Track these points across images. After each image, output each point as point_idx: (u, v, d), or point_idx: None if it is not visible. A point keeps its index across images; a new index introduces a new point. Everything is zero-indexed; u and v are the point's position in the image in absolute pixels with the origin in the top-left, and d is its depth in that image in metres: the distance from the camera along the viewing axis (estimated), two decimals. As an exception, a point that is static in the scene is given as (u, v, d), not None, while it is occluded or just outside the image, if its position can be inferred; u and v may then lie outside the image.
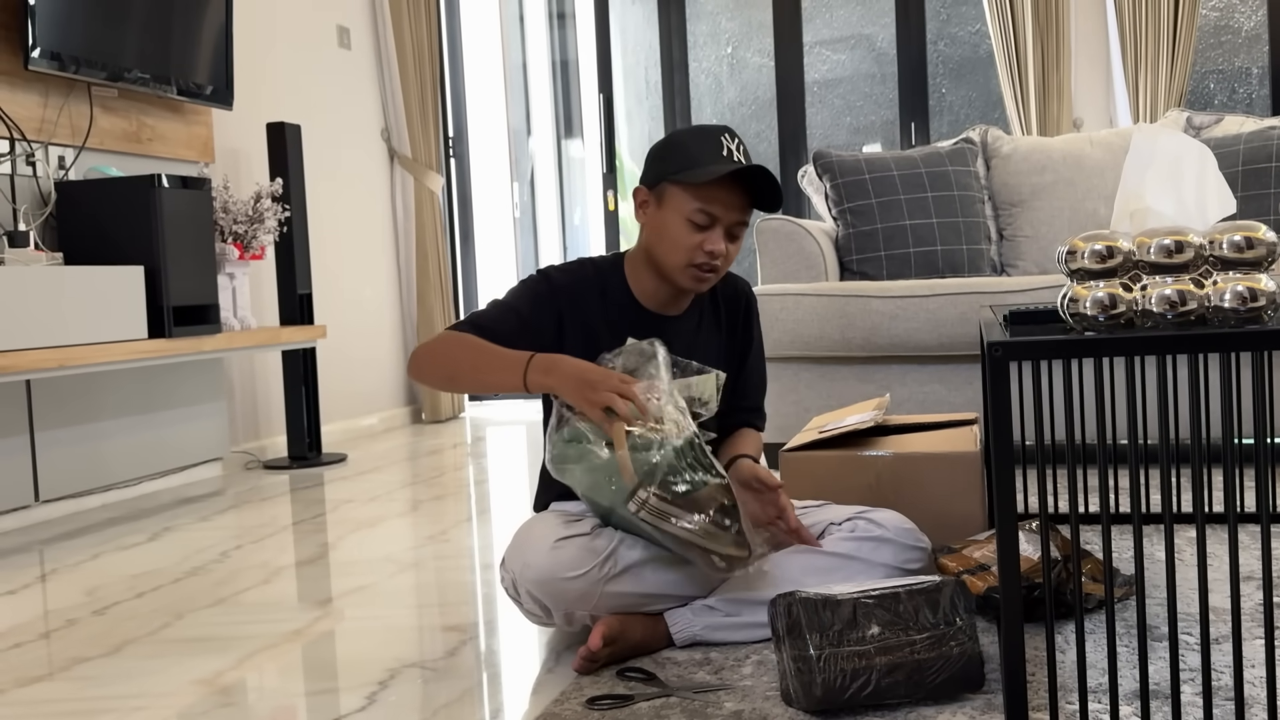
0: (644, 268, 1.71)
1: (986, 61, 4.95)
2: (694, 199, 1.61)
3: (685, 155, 1.62)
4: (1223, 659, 1.46)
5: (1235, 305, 1.15)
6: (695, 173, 1.60)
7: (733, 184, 1.61)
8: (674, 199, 1.63)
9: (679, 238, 1.63)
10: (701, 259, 1.63)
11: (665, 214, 1.64)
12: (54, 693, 1.62)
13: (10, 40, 3.00)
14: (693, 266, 1.63)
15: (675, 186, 1.62)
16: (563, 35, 6.30)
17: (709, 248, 1.62)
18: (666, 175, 1.63)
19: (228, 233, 3.51)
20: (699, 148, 1.62)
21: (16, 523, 2.91)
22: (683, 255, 1.63)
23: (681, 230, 1.62)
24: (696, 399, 1.70)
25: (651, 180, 1.67)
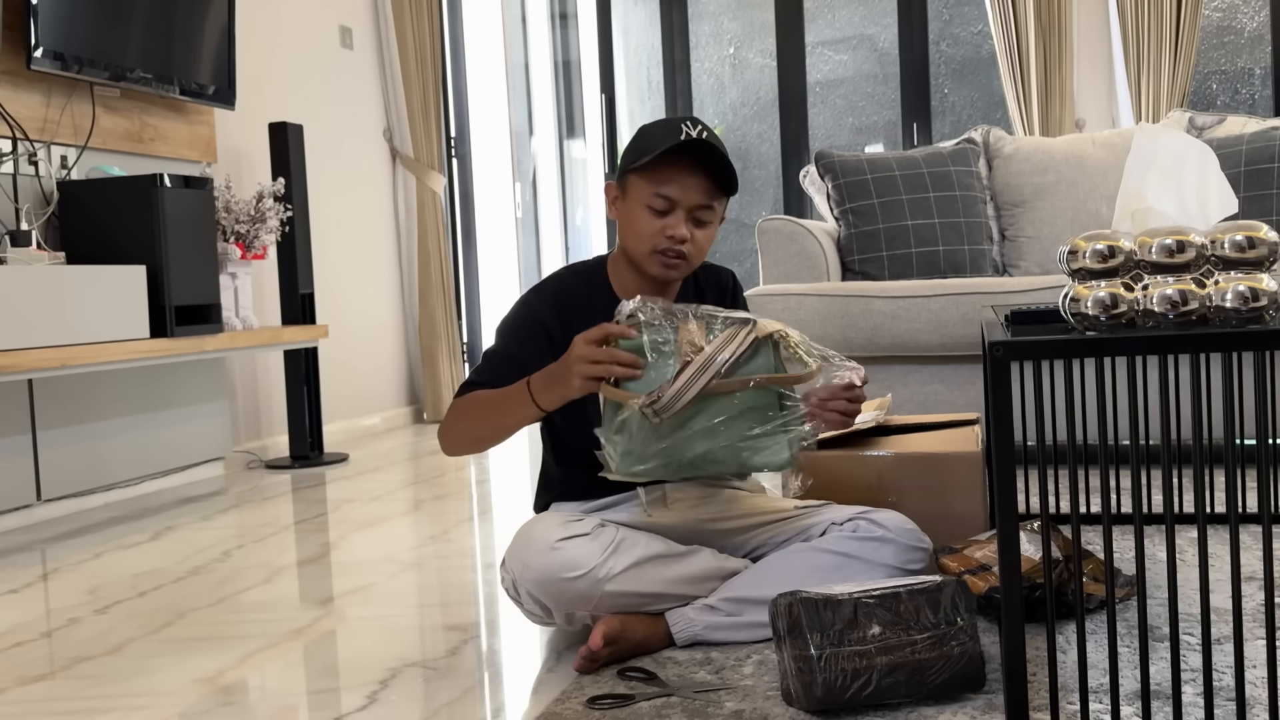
0: (624, 265, 1.71)
1: (988, 62, 4.94)
2: (650, 184, 1.62)
3: (643, 144, 1.63)
4: (1224, 659, 1.46)
5: (1237, 305, 1.15)
6: (647, 157, 1.61)
7: (689, 166, 1.60)
8: (634, 188, 1.64)
9: (641, 225, 1.64)
10: (665, 244, 1.62)
11: (629, 204, 1.66)
12: (55, 691, 1.62)
13: (13, 40, 3.00)
14: (658, 253, 1.63)
15: (634, 175, 1.64)
16: (565, 35, 6.31)
17: (670, 232, 1.62)
18: (628, 167, 1.65)
19: (230, 232, 3.51)
20: (656, 136, 1.63)
21: (18, 522, 2.91)
22: (647, 242, 1.63)
23: (643, 217, 1.63)
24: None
25: (619, 175, 1.69)
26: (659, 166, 1.60)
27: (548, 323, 1.68)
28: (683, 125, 1.61)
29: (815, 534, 1.70)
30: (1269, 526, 1.14)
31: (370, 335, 4.76)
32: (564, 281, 1.73)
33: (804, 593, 1.39)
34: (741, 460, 1.49)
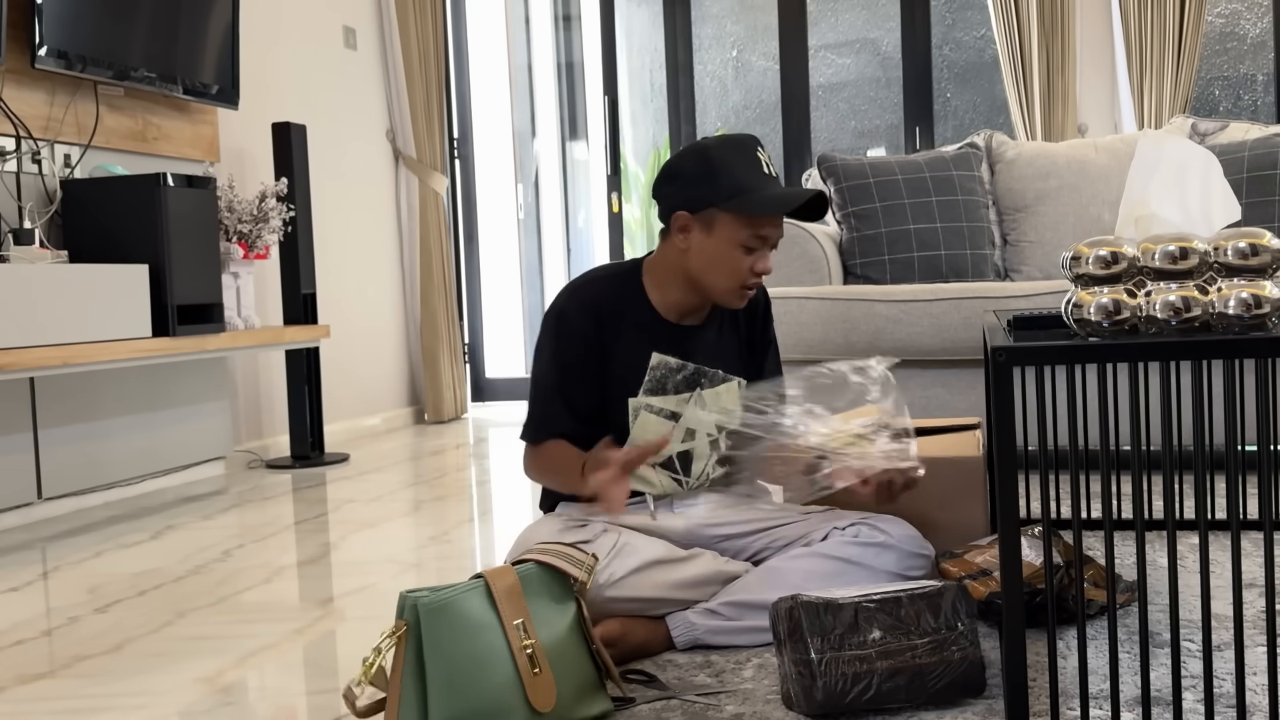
0: (670, 283, 1.71)
1: (991, 66, 4.95)
2: (747, 226, 1.62)
3: (732, 180, 1.61)
4: (1224, 666, 1.46)
5: (1239, 312, 1.15)
6: (749, 201, 1.60)
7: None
8: (725, 226, 1.63)
9: (731, 263, 1.64)
10: (751, 280, 1.66)
11: (715, 241, 1.64)
12: (55, 690, 1.62)
13: (17, 39, 3.01)
14: (743, 287, 1.66)
15: (728, 214, 1.62)
16: (568, 37, 6.31)
17: (759, 268, 1.64)
18: (715, 201, 1.62)
19: (232, 232, 3.52)
20: (743, 171, 1.61)
21: (19, 520, 2.91)
22: (734, 279, 1.65)
23: (734, 256, 1.63)
24: (724, 409, 1.75)
25: (696, 205, 1.64)
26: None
27: (587, 335, 1.69)
28: (758, 154, 1.63)
29: (817, 539, 1.70)
30: (1270, 533, 1.14)
31: (372, 336, 4.76)
32: (600, 287, 1.72)
33: (804, 597, 1.39)
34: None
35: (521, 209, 5.84)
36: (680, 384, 1.72)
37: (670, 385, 1.72)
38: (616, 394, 1.71)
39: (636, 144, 6.35)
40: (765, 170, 1.63)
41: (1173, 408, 2.11)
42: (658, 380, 1.71)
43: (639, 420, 1.71)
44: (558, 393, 1.70)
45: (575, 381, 1.69)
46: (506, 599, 1.30)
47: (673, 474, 1.76)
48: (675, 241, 1.68)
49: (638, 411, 1.71)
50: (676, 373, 1.71)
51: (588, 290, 1.72)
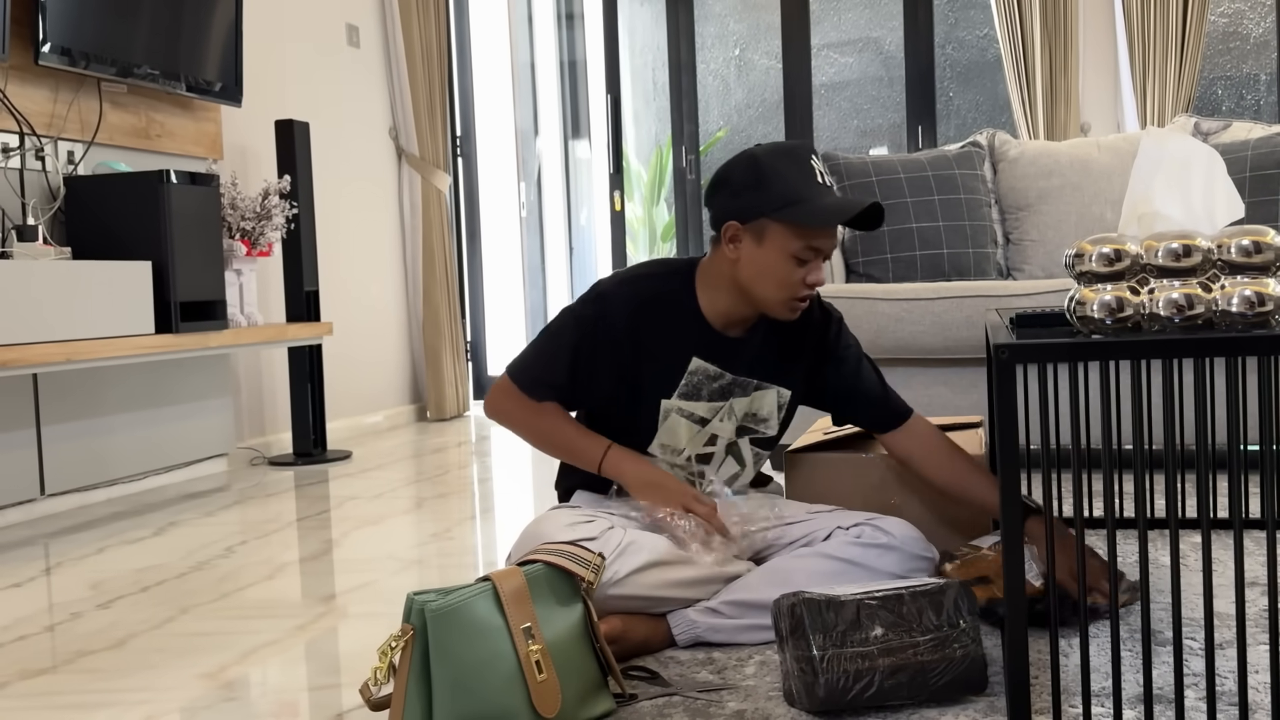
0: (719, 291, 1.68)
1: (994, 65, 4.94)
2: (801, 236, 1.58)
3: (784, 189, 1.58)
4: (1226, 664, 1.46)
5: (1243, 310, 1.15)
6: (802, 211, 1.56)
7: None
8: (777, 237, 1.59)
9: (783, 274, 1.61)
10: (804, 292, 1.62)
11: (766, 251, 1.60)
12: (58, 685, 1.63)
13: (21, 35, 3.01)
14: (795, 299, 1.63)
15: (779, 224, 1.58)
16: (571, 36, 6.31)
17: (811, 280, 1.61)
18: (766, 211, 1.58)
19: (235, 229, 3.52)
20: (796, 180, 1.58)
21: (22, 516, 2.92)
22: (786, 290, 1.62)
23: (785, 267, 1.60)
24: (754, 415, 1.75)
25: (747, 214, 1.61)
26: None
27: (614, 328, 1.66)
28: (812, 163, 1.60)
29: (819, 538, 1.71)
30: (1273, 531, 1.14)
31: (374, 333, 4.76)
32: (653, 284, 1.69)
33: (807, 593, 1.39)
34: None
35: (524, 207, 5.84)
36: (715, 392, 1.72)
37: (705, 392, 1.71)
38: (650, 393, 1.70)
39: (639, 142, 6.35)
40: (819, 179, 1.59)
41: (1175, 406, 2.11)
42: (693, 386, 1.70)
43: (668, 422, 1.71)
44: (569, 369, 1.69)
45: (591, 373, 1.69)
46: (513, 602, 1.30)
47: (689, 475, 1.77)
48: (725, 251, 1.64)
49: (669, 413, 1.71)
50: (713, 381, 1.71)
51: (638, 285, 1.69)
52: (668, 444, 1.73)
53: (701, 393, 1.71)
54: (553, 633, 1.32)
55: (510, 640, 1.27)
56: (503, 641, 1.27)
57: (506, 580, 1.32)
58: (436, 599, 1.25)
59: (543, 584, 1.35)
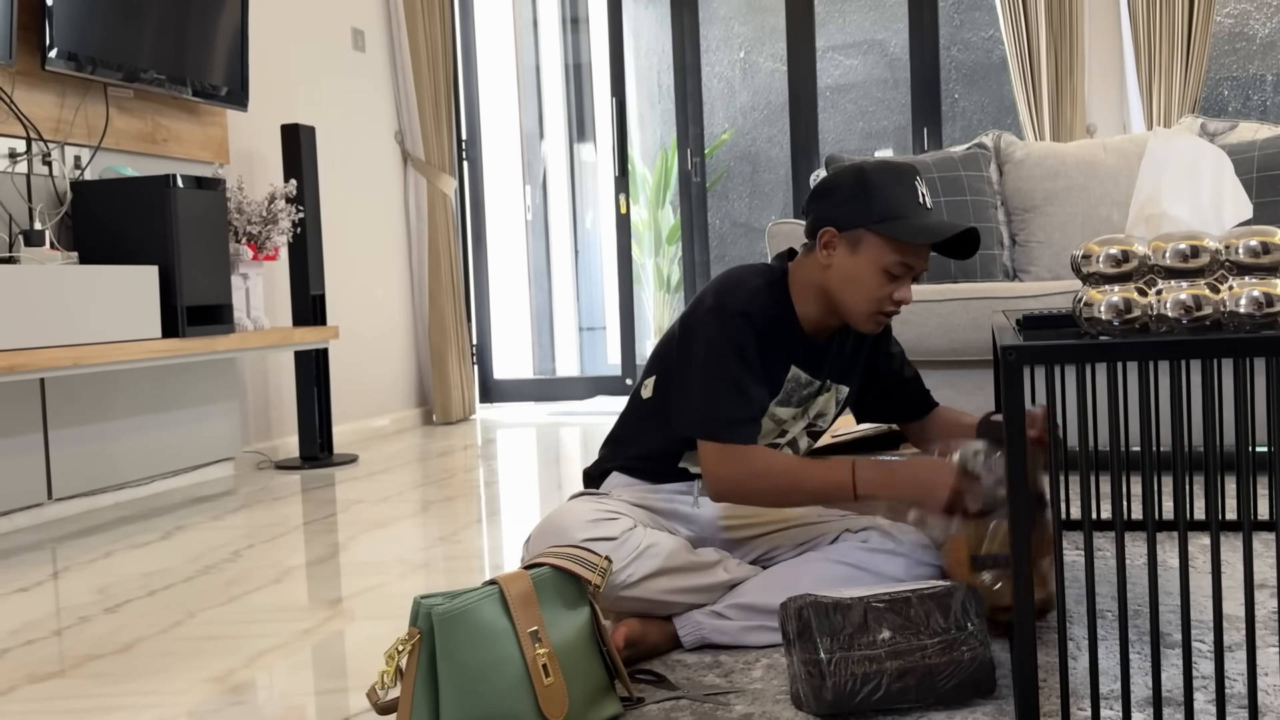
0: (809, 297, 1.67)
1: (999, 67, 4.94)
2: (895, 251, 1.59)
3: (885, 203, 1.59)
4: (1236, 666, 1.45)
5: (1251, 310, 1.15)
6: (903, 227, 1.57)
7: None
8: (871, 248, 1.60)
9: (871, 287, 1.61)
10: (890, 307, 1.62)
11: (858, 261, 1.61)
12: (66, 689, 1.63)
13: (28, 40, 3.02)
14: (880, 313, 1.63)
15: (875, 236, 1.59)
16: (576, 39, 6.32)
17: (898, 296, 1.62)
18: (865, 222, 1.59)
19: (241, 233, 3.53)
20: (898, 197, 1.59)
21: (30, 520, 2.92)
22: (873, 304, 1.62)
23: (875, 279, 1.60)
24: (821, 413, 1.78)
25: (845, 223, 1.61)
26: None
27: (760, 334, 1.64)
28: (916, 183, 1.60)
29: (826, 542, 1.70)
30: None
31: (380, 337, 4.77)
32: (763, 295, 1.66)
33: (814, 596, 1.38)
34: None
35: (529, 210, 5.85)
36: (804, 397, 1.73)
37: (795, 398, 1.72)
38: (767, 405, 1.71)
39: (644, 145, 6.36)
40: (920, 200, 1.60)
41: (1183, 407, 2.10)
42: (788, 392, 1.71)
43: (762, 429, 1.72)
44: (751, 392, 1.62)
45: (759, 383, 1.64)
46: (520, 605, 1.30)
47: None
48: (819, 257, 1.64)
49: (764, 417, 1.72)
50: (804, 387, 1.72)
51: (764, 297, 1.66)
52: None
53: (793, 399, 1.72)
54: (560, 636, 1.32)
55: (517, 644, 1.27)
56: (509, 645, 1.27)
57: (513, 584, 1.32)
58: (443, 602, 1.25)
59: (549, 587, 1.35)
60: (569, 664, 1.31)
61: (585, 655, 1.35)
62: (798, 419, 1.75)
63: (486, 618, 1.27)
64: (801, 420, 1.76)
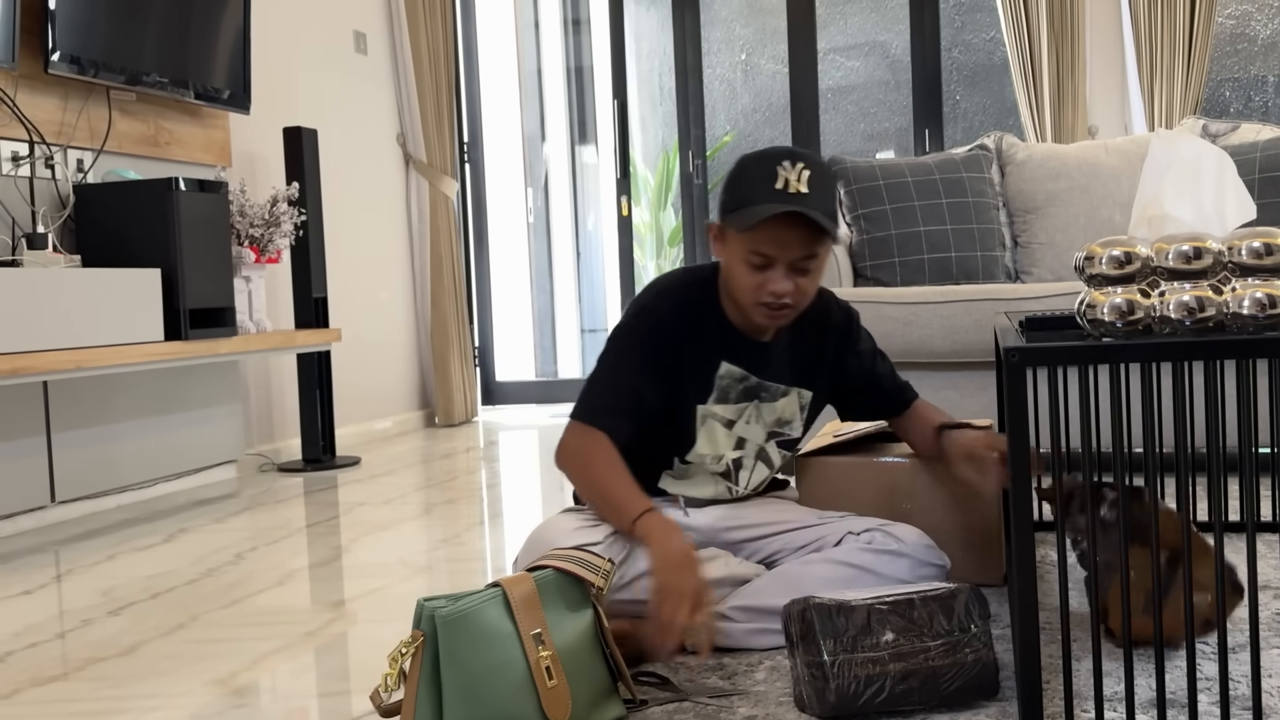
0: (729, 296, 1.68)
1: (1001, 69, 4.94)
2: (746, 242, 1.56)
3: (739, 192, 1.57)
4: (1240, 668, 1.45)
5: (1254, 312, 1.15)
6: (739, 216, 1.56)
7: (787, 221, 1.53)
8: (732, 240, 1.59)
9: (741, 279, 1.60)
10: (768, 298, 1.58)
11: (728, 253, 1.62)
12: (69, 692, 1.63)
13: (31, 44, 3.02)
14: (761, 305, 1.60)
15: (730, 227, 1.59)
16: (577, 41, 6.32)
17: (771, 288, 1.57)
18: (724, 213, 1.60)
19: (244, 236, 3.53)
20: (752, 182, 1.55)
21: (33, 523, 2.93)
22: (749, 295, 1.60)
23: (742, 271, 1.59)
24: (779, 419, 1.75)
25: (719, 216, 1.63)
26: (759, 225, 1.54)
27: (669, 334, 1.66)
28: (779, 168, 1.54)
29: (830, 543, 1.70)
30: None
31: (382, 339, 4.77)
32: (689, 292, 1.69)
33: (817, 599, 1.38)
34: None
35: (531, 213, 5.85)
36: (740, 394, 1.72)
37: (732, 395, 1.71)
38: (689, 400, 1.70)
39: (646, 148, 6.36)
40: (779, 183, 1.53)
41: (1186, 409, 2.11)
42: (723, 389, 1.71)
43: (705, 428, 1.72)
44: (627, 386, 1.65)
45: (648, 380, 1.66)
46: (523, 608, 1.30)
47: (729, 483, 1.77)
48: (713, 253, 1.66)
49: (705, 419, 1.71)
50: (739, 383, 1.71)
51: (677, 294, 1.69)
52: (706, 451, 1.73)
53: (730, 395, 1.71)
54: (563, 638, 1.32)
55: (520, 646, 1.27)
56: (513, 647, 1.27)
57: (517, 586, 1.32)
58: (447, 605, 1.25)
59: (553, 590, 1.35)
60: (572, 666, 1.31)
61: (588, 657, 1.35)
62: (749, 420, 1.73)
63: (490, 620, 1.27)
64: (755, 423, 1.74)
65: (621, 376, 1.66)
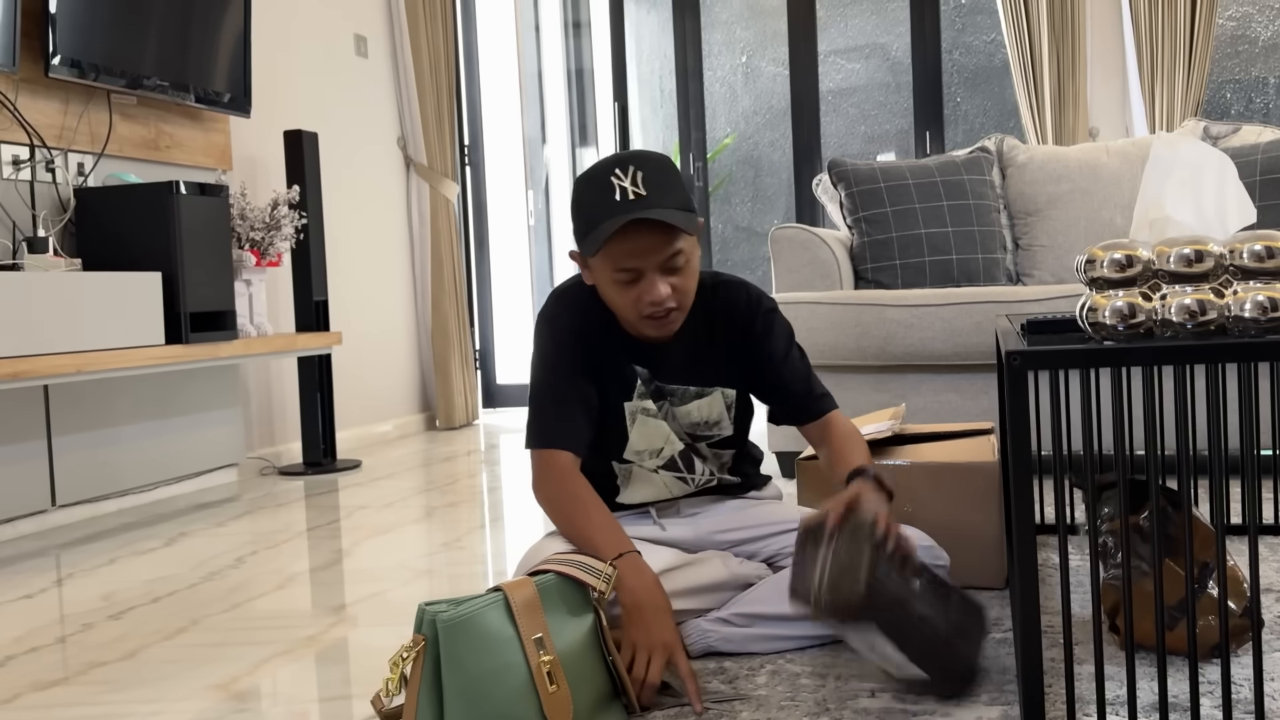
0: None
1: (1002, 71, 4.94)
2: (607, 262, 1.53)
3: (583, 217, 1.54)
4: (1242, 672, 1.45)
5: (1256, 315, 1.15)
6: (590, 240, 1.52)
7: (638, 227, 1.49)
8: (594, 265, 1.56)
9: (617, 299, 1.56)
10: (649, 310, 1.55)
11: (597, 277, 1.58)
12: (70, 697, 1.63)
13: (31, 48, 3.03)
14: (646, 318, 1.56)
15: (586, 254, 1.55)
16: (578, 44, 6.32)
17: (648, 298, 1.54)
18: (578, 243, 1.57)
19: (245, 239, 3.53)
20: (592, 203, 1.52)
21: (34, 527, 2.92)
22: (630, 312, 1.57)
23: (615, 291, 1.55)
24: (702, 422, 1.70)
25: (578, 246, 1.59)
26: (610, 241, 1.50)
27: (579, 334, 1.65)
28: (612, 179, 1.50)
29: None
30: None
31: (383, 342, 4.77)
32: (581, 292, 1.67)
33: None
34: None
35: (532, 215, 5.85)
36: (654, 394, 1.69)
37: (647, 393, 1.70)
38: (610, 398, 1.68)
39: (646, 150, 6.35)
40: (616, 195, 1.49)
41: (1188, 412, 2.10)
42: (641, 388, 1.69)
43: (638, 423, 1.70)
44: (561, 393, 1.64)
45: (577, 379, 1.64)
46: (525, 612, 1.29)
47: (676, 474, 1.75)
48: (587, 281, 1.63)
49: (635, 415, 1.69)
50: (648, 384, 1.68)
51: (572, 295, 1.68)
52: (643, 447, 1.71)
53: (646, 393, 1.69)
54: (564, 643, 1.32)
55: (522, 651, 1.27)
56: (514, 652, 1.27)
57: (518, 590, 1.31)
58: (448, 609, 1.25)
59: (554, 594, 1.35)
60: (574, 671, 1.31)
61: (590, 662, 1.35)
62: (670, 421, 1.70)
63: (491, 624, 1.27)
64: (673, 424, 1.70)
65: (556, 387, 1.64)
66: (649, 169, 1.51)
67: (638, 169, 1.50)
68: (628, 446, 1.71)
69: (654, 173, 1.51)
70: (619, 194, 1.49)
